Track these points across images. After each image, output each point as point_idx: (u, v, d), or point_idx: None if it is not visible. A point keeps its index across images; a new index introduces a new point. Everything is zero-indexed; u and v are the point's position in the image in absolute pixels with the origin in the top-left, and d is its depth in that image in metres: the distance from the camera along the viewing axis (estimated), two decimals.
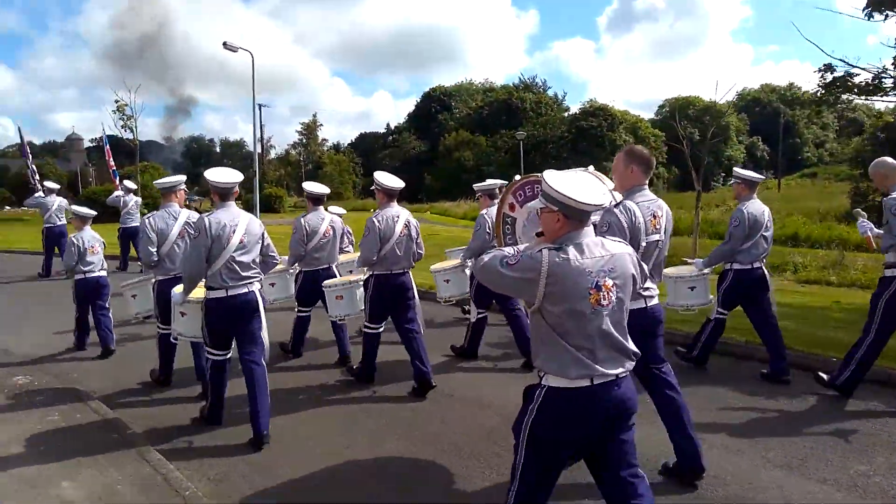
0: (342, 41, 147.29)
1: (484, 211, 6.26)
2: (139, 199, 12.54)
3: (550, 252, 2.51)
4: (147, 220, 5.47)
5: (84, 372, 6.32)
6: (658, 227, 3.76)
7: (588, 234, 2.61)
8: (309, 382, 5.89)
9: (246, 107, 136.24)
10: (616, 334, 2.59)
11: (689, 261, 6.20)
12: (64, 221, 11.86)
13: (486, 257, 2.63)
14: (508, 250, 2.60)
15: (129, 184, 12.72)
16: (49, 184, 12.30)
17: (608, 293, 2.54)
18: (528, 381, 2.81)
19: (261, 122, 56.94)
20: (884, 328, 5.06)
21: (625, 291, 2.62)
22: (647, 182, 3.85)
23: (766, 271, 5.81)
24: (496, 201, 6.15)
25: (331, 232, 6.37)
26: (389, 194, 5.54)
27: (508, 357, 6.53)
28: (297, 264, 6.41)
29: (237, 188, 4.67)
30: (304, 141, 67.46)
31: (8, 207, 38.30)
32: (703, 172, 13.21)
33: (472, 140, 56.13)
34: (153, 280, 5.73)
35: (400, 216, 5.50)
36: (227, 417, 4.85)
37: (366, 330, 5.67)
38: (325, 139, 69.39)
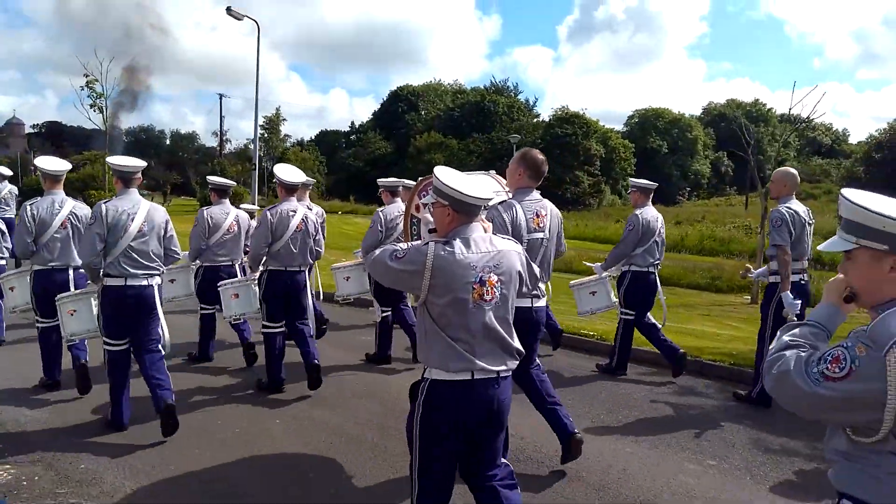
0: (300, 34, 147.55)
1: (381, 208, 6.50)
2: (14, 188, 11.58)
3: (437, 245, 2.67)
4: (27, 207, 5.45)
5: None
6: (541, 225, 4.09)
7: (476, 230, 2.78)
8: (213, 384, 5.96)
9: (196, 97, 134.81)
10: (500, 329, 2.74)
11: (590, 265, 6.66)
12: (13, 212, 11.12)
13: (377, 251, 2.82)
14: (400, 245, 2.78)
15: (2, 170, 11.54)
16: (2, 169, 11.29)
17: (492, 288, 2.70)
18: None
19: (221, 113, 56.77)
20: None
21: (509, 288, 2.78)
22: (536, 186, 4.15)
23: (657, 277, 6.37)
24: (397, 199, 6.45)
25: (235, 227, 6.52)
26: (288, 189, 5.70)
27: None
28: (197, 259, 6.51)
29: (140, 175, 4.80)
30: (266, 136, 67.03)
31: None
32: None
33: (444, 142, 56.43)
34: (31, 271, 5.66)
35: (297, 211, 5.66)
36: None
37: (265, 331, 5.73)
38: (287, 134, 69.02)
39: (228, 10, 21.20)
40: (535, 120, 61.66)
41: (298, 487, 3.96)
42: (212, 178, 6.74)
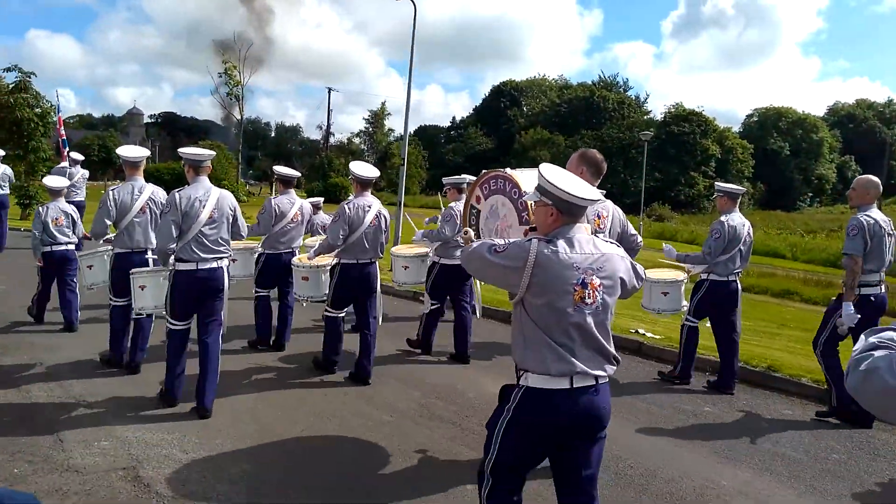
0: (399, 31, 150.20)
1: (452, 203, 6.75)
2: (86, 172, 12.47)
3: (540, 242, 2.66)
4: (110, 192, 5.88)
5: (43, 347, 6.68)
6: (602, 226, 4.32)
7: (580, 231, 2.75)
8: (257, 363, 6.45)
9: (298, 91, 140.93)
10: (598, 335, 2.71)
11: (664, 245, 6.58)
12: (83, 195, 12.24)
13: (473, 244, 2.85)
14: (497, 240, 2.82)
15: (75, 155, 12.66)
16: (74, 154, 12.71)
17: (594, 292, 2.68)
18: (463, 373, 3.21)
19: (329, 106, 59.03)
20: None
21: (611, 293, 2.76)
22: (597, 184, 4.25)
23: (739, 286, 6.23)
24: (464, 195, 6.69)
25: (299, 216, 6.96)
26: (363, 184, 6.05)
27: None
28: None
29: (209, 163, 5.24)
30: (371, 130, 68.98)
31: None
32: None
33: (550, 138, 56.10)
34: (110, 252, 6.18)
35: (372, 206, 6.00)
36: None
37: (327, 314, 6.17)
38: (391, 128, 70.80)
39: None
40: (646, 117, 60.06)
41: (336, 471, 4.26)
42: (278, 169, 7.18)
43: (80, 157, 12.59)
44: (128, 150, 6.07)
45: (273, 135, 74.97)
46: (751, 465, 4.66)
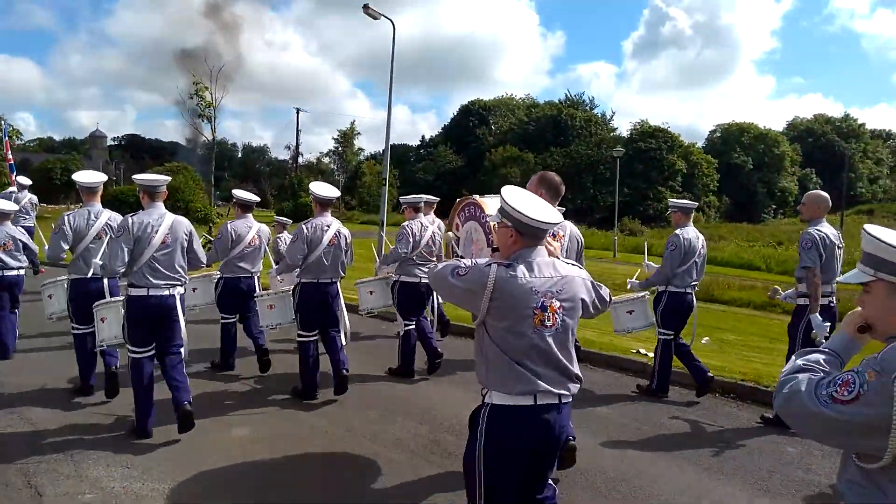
0: (364, 52, 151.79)
1: (406, 222, 6.83)
2: (34, 197, 12.07)
3: (499, 268, 2.68)
4: (66, 217, 5.93)
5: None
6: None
7: (540, 254, 2.79)
8: (235, 390, 6.45)
9: (264, 112, 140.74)
10: (559, 356, 2.74)
11: (629, 281, 6.73)
12: (32, 220, 11.74)
13: (439, 265, 2.89)
14: (464, 261, 2.83)
15: (22, 180, 12.31)
16: (22, 179, 12.32)
17: (553, 315, 2.71)
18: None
19: (297, 126, 58.86)
20: None
21: (572, 315, 2.80)
22: (556, 204, 4.35)
23: (693, 298, 6.45)
24: (420, 214, 6.86)
25: (256, 241, 6.98)
26: (323, 204, 6.12)
27: (449, 371, 7.11)
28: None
29: (164, 189, 5.28)
30: (340, 149, 69.00)
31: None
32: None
33: (520, 156, 56.59)
34: (67, 280, 6.16)
35: (331, 226, 6.07)
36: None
37: (300, 339, 6.16)
38: (360, 148, 70.89)
39: (366, 7, 21.12)
40: (612, 134, 61.06)
41: (321, 489, 4.29)
42: (237, 193, 7.24)
43: (28, 182, 12.19)
44: (84, 176, 6.07)
45: (240, 155, 74.74)
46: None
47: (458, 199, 5.83)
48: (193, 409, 4.98)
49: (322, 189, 6.19)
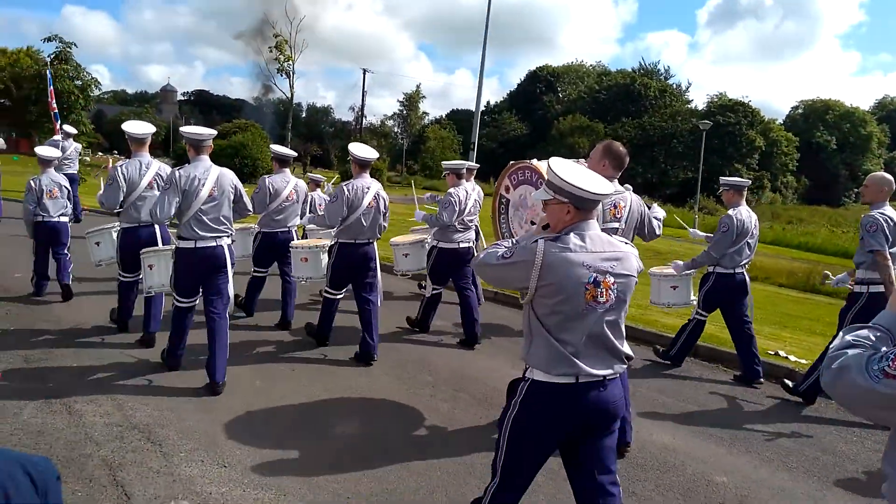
0: (430, 14, 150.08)
1: (451, 189, 6.83)
2: (79, 146, 12.53)
3: (547, 242, 2.62)
4: (118, 167, 6.05)
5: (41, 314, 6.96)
6: (618, 216, 4.45)
7: (593, 227, 2.72)
8: (262, 338, 6.69)
9: (327, 73, 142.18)
10: (609, 334, 2.69)
11: (669, 264, 6.68)
12: (76, 168, 12.45)
13: (482, 254, 2.86)
14: (505, 243, 2.82)
15: (68, 128, 12.68)
16: (67, 128, 12.76)
17: (606, 291, 2.63)
18: (466, 356, 3.28)
19: (363, 88, 59.16)
20: None
21: (625, 292, 2.71)
22: (618, 176, 4.36)
23: (746, 277, 6.30)
24: (463, 180, 6.85)
25: (294, 196, 7.12)
26: (362, 164, 6.15)
27: (457, 334, 7.25)
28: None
29: (210, 142, 5.38)
30: (405, 112, 69.11)
31: (100, 154, 42.05)
32: None
33: (589, 126, 55.54)
34: (116, 228, 6.38)
35: (370, 188, 6.12)
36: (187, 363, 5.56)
37: (325, 295, 6.38)
38: (425, 112, 70.82)
39: None
40: (687, 106, 59.12)
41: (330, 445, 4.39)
42: (274, 148, 7.38)
43: (73, 131, 12.76)
44: (134, 126, 6.14)
45: (304, 115, 75.68)
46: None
47: (510, 162, 5.79)
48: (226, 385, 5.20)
49: (361, 150, 6.22)
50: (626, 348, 2.77)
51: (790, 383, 6.01)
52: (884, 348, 1.79)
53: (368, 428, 4.78)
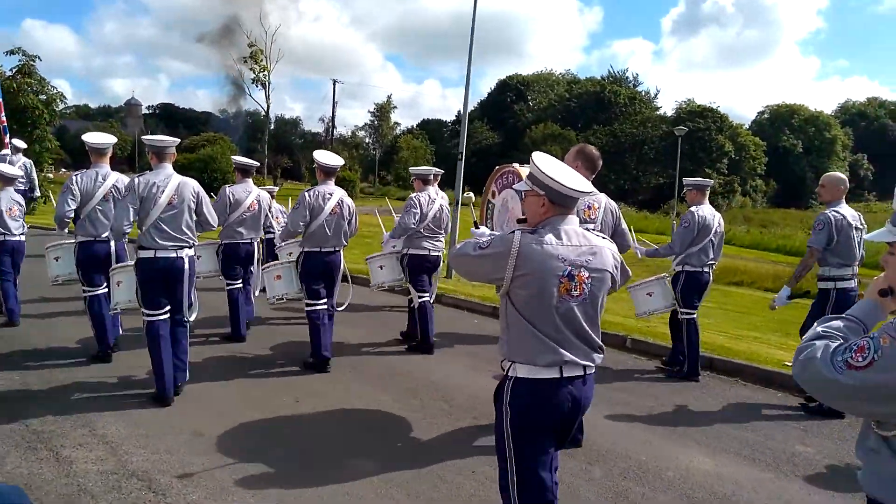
0: (398, 25, 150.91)
1: (414, 194, 6.84)
2: (29, 161, 11.88)
3: (524, 234, 2.67)
4: (74, 177, 5.92)
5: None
6: (592, 217, 4.57)
7: (571, 222, 2.75)
8: (257, 362, 6.47)
9: (295, 84, 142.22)
10: (585, 326, 2.72)
11: (634, 247, 6.55)
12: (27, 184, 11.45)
13: (459, 245, 2.86)
14: (483, 231, 2.87)
15: (17, 142, 12.04)
16: (16, 142, 12.07)
17: (580, 284, 2.67)
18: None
19: (333, 98, 59.00)
20: None
21: (599, 287, 2.74)
22: (591, 179, 4.32)
23: (710, 278, 6.44)
24: (429, 186, 6.84)
25: (255, 206, 7.04)
26: (327, 172, 6.13)
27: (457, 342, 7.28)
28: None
29: (173, 150, 5.28)
30: (376, 122, 69.01)
31: (64, 170, 41.28)
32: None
33: (561, 134, 56.04)
34: (75, 242, 6.12)
35: (333, 194, 6.10)
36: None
37: (308, 310, 6.16)
38: (396, 122, 70.84)
39: None
40: (656, 113, 60.06)
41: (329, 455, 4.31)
42: (235, 158, 7.39)
43: (23, 145, 12.06)
44: (94, 137, 6.04)
45: (272, 127, 75.33)
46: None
47: (496, 167, 5.82)
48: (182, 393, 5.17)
49: (326, 157, 6.22)
50: (599, 340, 2.80)
51: (812, 405, 5.62)
52: (852, 339, 1.82)
53: (388, 465, 4.33)
